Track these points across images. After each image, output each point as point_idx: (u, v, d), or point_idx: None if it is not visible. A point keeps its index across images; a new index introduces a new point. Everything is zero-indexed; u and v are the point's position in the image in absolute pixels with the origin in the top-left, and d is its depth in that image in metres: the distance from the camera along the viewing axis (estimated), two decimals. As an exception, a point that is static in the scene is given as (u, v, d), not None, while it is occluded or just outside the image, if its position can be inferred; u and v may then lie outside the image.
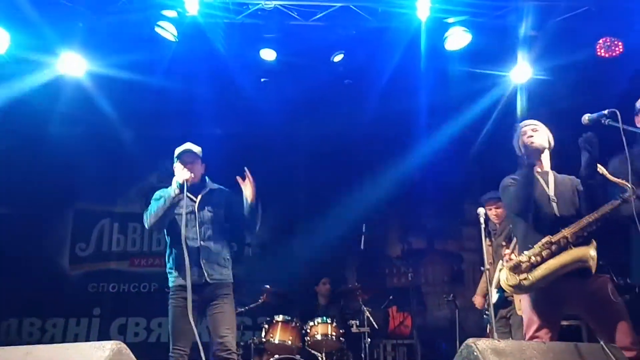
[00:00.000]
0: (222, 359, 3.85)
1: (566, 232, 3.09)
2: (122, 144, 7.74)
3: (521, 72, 6.14)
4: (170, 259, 4.09)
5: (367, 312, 6.16)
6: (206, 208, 4.11)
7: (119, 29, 5.73)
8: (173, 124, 7.42)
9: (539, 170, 3.42)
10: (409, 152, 7.55)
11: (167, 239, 4.16)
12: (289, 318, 5.75)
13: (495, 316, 4.83)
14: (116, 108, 6.89)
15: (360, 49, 6.15)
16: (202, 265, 3.96)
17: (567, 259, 3.05)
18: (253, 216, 4.10)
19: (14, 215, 7.63)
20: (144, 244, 8.25)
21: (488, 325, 5.18)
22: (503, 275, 3.18)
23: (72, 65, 5.95)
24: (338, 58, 6.29)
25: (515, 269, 3.13)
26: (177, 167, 4.10)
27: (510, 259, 3.23)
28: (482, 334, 5.25)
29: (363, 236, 6.73)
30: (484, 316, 5.36)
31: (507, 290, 3.26)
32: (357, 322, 6.17)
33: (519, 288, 3.12)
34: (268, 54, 6.09)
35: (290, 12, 5.69)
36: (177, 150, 4.15)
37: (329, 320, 5.83)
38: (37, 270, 7.69)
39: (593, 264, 3.00)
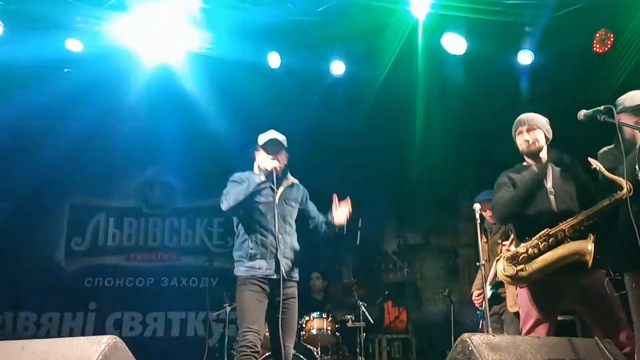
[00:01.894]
0: None
1: (564, 225, 3.11)
2: (118, 137, 7.72)
3: (523, 57, 6.12)
4: (243, 247, 3.87)
5: (363, 307, 6.18)
6: (286, 201, 3.97)
7: (116, 22, 5.70)
8: (169, 119, 7.40)
9: (537, 164, 3.43)
10: (405, 147, 7.54)
11: (241, 227, 3.95)
12: (285, 313, 5.74)
13: (489, 311, 4.84)
14: (112, 102, 6.87)
15: (358, 44, 6.15)
16: (280, 260, 3.79)
17: (564, 252, 3.07)
18: (327, 233, 4.09)
19: (9, 209, 7.60)
20: (139, 239, 8.24)
21: (482, 321, 5.21)
22: (500, 266, 3.19)
23: (70, 54, 5.94)
24: (338, 69, 6.31)
25: (513, 259, 3.15)
26: (262, 155, 3.94)
27: (508, 250, 3.25)
28: (476, 329, 5.27)
29: (359, 231, 6.74)
30: (477, 312, 5.38)
31: (504, 281, 3.27)
32: (353, 316, 6.19)
33: (515, 279, 3.13)
34: (274, 59, 6.12)
35: (289, 7, 5.68)
36: (262, 138, 3.97)
37: (324, 315, 5.85)
38: (33, 265, 7.69)
39: (590, 258, 3.02)
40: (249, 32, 5.91)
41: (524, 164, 3.52)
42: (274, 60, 6.23)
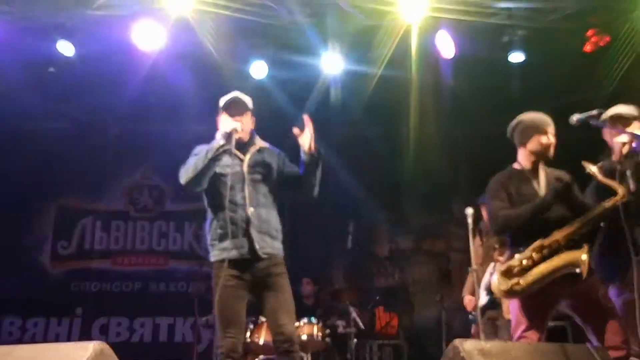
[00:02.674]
0: (284, 352, 3.21)
1: (558, 235, 3.07)
2: (107, 139, 7.67)
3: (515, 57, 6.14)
4: (212, 228, 3.40)
5: (354, 313, 6.16)
6: (256, 169, 3.46)
7: (105, 23, 5.67)
8: (158, 121, 7.36)
9: (529, 167, 3.40)
10: (397, 150, 7.55)
11: (208, 205, 3.49)
12: (275, 318, 5.69)
13: (482, 317, 4.83)
14: (101, 103, 6.82)
15: (350, 45, 6.15)
16: (252, 236, 3.30)
17: (558, 263, 3.04)
18: (312, 172, 3.45)
19: (-6, 211, 7.51)
20: (127, 243, 8.16)
21: (473, 326, 5.20)
22: (495, 280, 3.15)
23: (61, 54, 5.92)
24: (330, 72, 6.31)
25: (507, 273, 3.10)
26: (223, 118, 3.47)
27: (502, 263, 3.22)
28: (468, 334, 5.26)
29: (350, 235, 6.73)
30: (470, 317, 5.38)
31: (499, 295, 3.24)
32: (344, 322, 6.17)
33: (510, 293, 3.09)
34: (259, 69, 6.10)
35: (279, 8, 5.67)
36: (223, 100, 3.53)
37: (314, 321, 5.80)
38: (18, 268, 7.60)
39: (584, 268, 2.99)
40: (240, 33, 5.90)
41: (516, 166, 3.47)
42: (260, 69, 6.21)
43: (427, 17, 5.61)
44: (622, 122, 3.34)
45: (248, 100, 3.55)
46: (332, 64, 6.27)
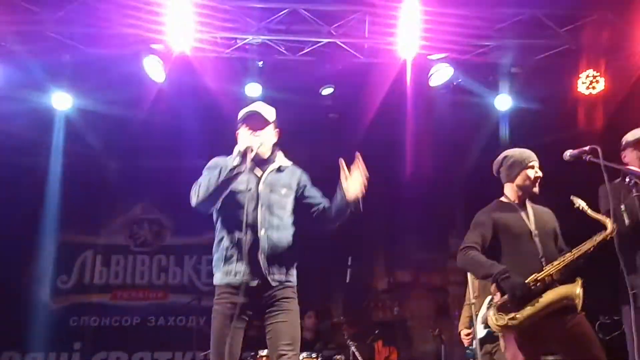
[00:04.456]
0: None
1: (551, 269, 3.10)
2: (107, 175, 7.70)
3: (504, 101, 6.22)
4: (219, 248, 3.10)
5: (353, 347, 6.10)
6: (272, 188, 3.15)
7: (107, 63, 5.77)
8: (158, 156, 7.41)
9: (517, 202, 3.44)
10: (394, 184, 7.57)
11: (217, 222, 3.19)
12: (274, 353, 5.64)
13: (481, 351, 4.81)
14: (101, 139, 6.88)
15: (347, 83, 6.23)
16: (260, 261, 2.99)
17: (554, 297, 3.05)
18: (337, 218, 3.18)
19: (-5, 246, 7.51)
20: (126, 277, 8.14)
21: (471, 360, 5.17)
22: (491, 315, 3.16)
23: (60, 99, 6.02)
24: (327, 91, 6.36)
25: (503, 307, 3.11)
26: (242, 133, 3.16)
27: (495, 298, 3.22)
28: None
29: (349, 269, 6.71)
30: (467, 351, 5.34)
31: (496, 330, 3.24)
32: (343, 357, 6.11)
33: (507, 327, 3.10)
34: (253, 90, 6.14)
35: (277, 47, 5.78)
36: (243, 112, 3.20)
37: (314, 355, 5.75)
38: (18, 303, 7.57)
39: (579, 302, 3.02)
40: (235, 70, 5.99)
41: (503, 199, 3.50)
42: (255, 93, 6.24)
43: (422, 54, 5.72)
44: None
45: (269, 112, 3.24)
46: (330, 101, 6.32)
